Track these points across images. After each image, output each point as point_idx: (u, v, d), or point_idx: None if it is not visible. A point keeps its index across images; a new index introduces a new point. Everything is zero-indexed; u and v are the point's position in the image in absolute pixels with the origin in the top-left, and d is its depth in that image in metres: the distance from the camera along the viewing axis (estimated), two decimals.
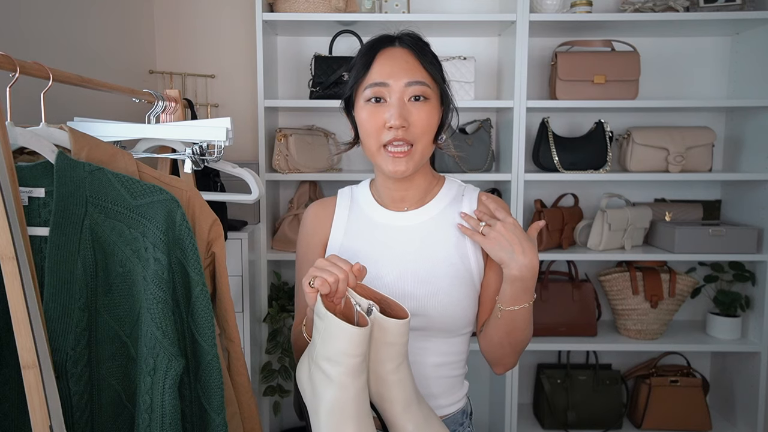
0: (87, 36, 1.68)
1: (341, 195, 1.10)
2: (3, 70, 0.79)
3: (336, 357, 0.78)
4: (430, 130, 0.96)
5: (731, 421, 2.25)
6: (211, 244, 1.00)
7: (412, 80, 0.93)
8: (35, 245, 0.85)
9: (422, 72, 0.95)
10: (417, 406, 0.85)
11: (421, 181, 1.03)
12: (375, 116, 0.95)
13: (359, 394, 0.79)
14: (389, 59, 0.95)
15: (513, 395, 2.11)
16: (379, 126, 0.94)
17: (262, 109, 2.01)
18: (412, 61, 0.95)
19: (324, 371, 0.80)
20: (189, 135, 1.14)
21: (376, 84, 0.94)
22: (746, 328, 2.18)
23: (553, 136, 2.11)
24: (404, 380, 0.83)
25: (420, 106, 0.94)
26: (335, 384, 0.79)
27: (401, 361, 0.83)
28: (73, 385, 0.83)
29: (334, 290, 0.80)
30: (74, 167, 0.83)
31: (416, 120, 0.94)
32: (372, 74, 0.95)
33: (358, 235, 1.04)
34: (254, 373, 1.98)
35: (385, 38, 0.98)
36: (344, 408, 0.79)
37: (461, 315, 0.99)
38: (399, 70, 0.94)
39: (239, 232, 1.85)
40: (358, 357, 0.77)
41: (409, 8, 2.09)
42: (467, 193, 1.06)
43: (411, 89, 0.94)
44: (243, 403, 1.06)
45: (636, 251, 2.15)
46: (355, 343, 0.76)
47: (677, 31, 2.18)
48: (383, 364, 0.82)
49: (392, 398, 0.83)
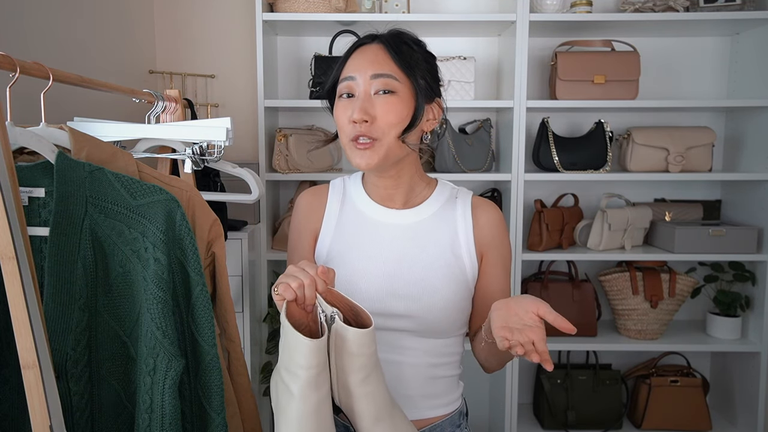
0: (87, 36, 1.68)
1: (333, 187, 1.08)
2: (3, 70, 0.79)
3: (293, 368, 0.75)
4: (396, 124, 0.92)
5: (731, 421, 2.25)
6: (211, 244, 1.00)
7: (376, 72, 0.92)
8: (35, 245, 0.85)
9: (390, 65, 0.93)
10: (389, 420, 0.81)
11: (406, 180, 1.02)
12: (344, 111, 0.94)
13: (320, 407, 0.76)
14: (361, 54, 0.95)
15: (513, 395, 2.11)
16: (346, 120, 0.94)
17: (262, 109, 2.00)
18: (382, 55, 0.94)
19: (285, 382, 0.78)
20: (189, 135, 1.14)
21: (345, 78, 0.95)
22: (746, 328, 2.18)
23: (553, 136, 2.11)
24: (373, 393, 0.79)
25: (385, 99, 0.92)
26: (295, 396, 0.76)
27: (368, 373, 0.79)
28: (73, 385, 0.83)
29: (301, 296, 0.76)
30: (74, 167, 0.83)
31: (380, 113, 0.92)
32: (345, 69, 0.96)
33: (349, 229, 1.03)
34: (254, 373, 1.98)
35: (367, 36, 0.98)
36: (303, 420, 0.76)
37: (455, 316, 0.99)
38: (366, 64, 0.93)
39: (239, 232, 1.85)
40: (313, 369, 0.74)
41: (409, 8, 2.09)
42: (460, 195, 1.06)
43: (376, 82, 0.92)
44: (243, 403, 1.06)
45: (636, 251, 2.15)
46: (308, 354, 0.73)
47: (677, 31, 2.18)
48: (349, 376, 0.78)
49: (360, 412, 0.80)
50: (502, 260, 1.03)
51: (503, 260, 1.03)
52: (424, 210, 1.03)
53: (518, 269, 2.08)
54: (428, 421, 1.02)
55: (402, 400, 0.99)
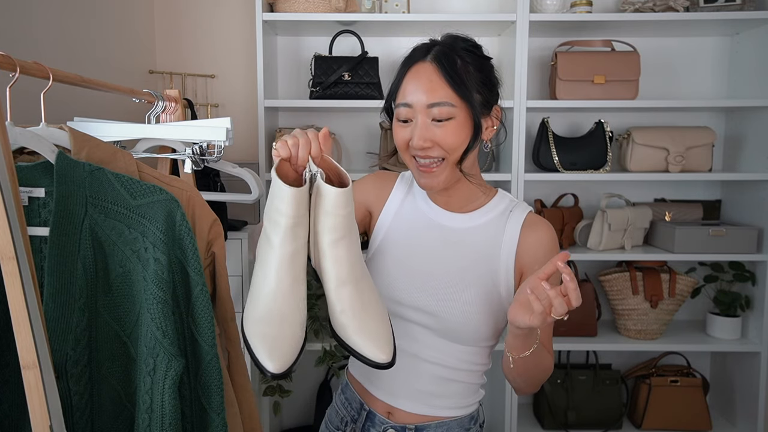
0: (87, 36, 1.68)
1: (402, 179, 1.12)
2: (3, 70, 0.79)
3: (274, 215, 0.79)
4: (458, 146, 0.95)
5: (731, 421, 2.25)
6: (211, 244, 1.00)
7: (433, 102, 0.92)
8: (35, 245, 0.85)
9: (445, 90, 0.92)
10: (352, 285, 0.83)
11: (463, 190, 1.03)
12: (402, 134, 0.97)
13: (295, 256, 0.81)
14: (415, 78, 0.95)
15: (513, 395, 2.11)
16: (405, 144, 0.97)
17: (262, 109, 2.00)
18: (436, 80, 0.93)
19: (266, 233, 0.82)
20: (189, 135, 1.14)
21: (402, 104, 0.96)
22: (746, 328, 2.18)
23: (553, 136, 2.11)
24: (340, 258, 0.82)
25: (444, 126, 0.93)
26: (273, 246, 0.80)
27: (340, 236, 0.82)
28: (73, 385, 0.83)
29: (294, 155, 0.81)
30: (74, 167, 0.83)
31: (441, 140, 0.94)
32: (401, 93, 0.97)
33: (406, 222, 1.07)
34: (254, 373, 1.98)
35: (420, 50, 0.97)
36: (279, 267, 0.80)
37: (478, 327, 0.99)
38: (421, 92, 0.93)
39: (239, 232, 1.85)
40: (291, 218, 0.78)
41: (409, 8, 2.09)
42: (516, 209, 1.04)
43: (433, 111, 0.93)
44: (243, 403, 1.06)
45: (636, 251, 2.15)
46: (288, 201, 0.77)
47: (677, 31, 2.18)
48: (322, 235, 0.82)
49: (327, 272, 0.83)
50: None
51: None
52: (477, 217, 1.04)
53: None
54: (435, 418, 1.04)
55: (413, 394, 1.03)
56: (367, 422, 1.07)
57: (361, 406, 1.08)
